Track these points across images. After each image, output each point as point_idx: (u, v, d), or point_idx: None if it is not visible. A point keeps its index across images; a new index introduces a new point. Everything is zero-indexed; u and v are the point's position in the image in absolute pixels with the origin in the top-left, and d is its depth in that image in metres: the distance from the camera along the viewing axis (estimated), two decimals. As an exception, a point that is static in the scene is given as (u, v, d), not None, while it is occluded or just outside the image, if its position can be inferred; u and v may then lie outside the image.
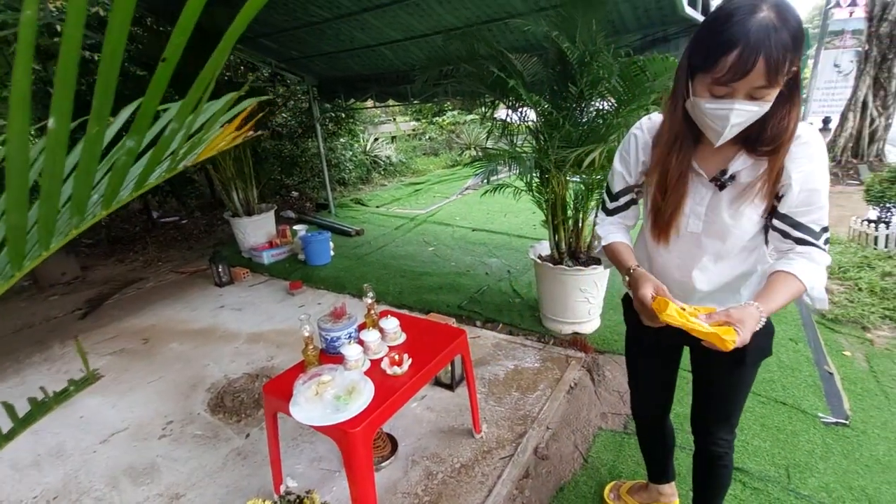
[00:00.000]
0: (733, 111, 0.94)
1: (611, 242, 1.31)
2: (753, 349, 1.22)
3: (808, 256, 1.06)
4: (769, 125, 1.00)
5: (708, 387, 1.37)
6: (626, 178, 1.29)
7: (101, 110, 0.51)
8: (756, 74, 0.89)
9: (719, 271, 1.17)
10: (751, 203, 1.08)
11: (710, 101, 0.97)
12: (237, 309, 3.78)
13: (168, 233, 6.20)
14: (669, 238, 1.19)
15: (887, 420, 2.19)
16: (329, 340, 1.80)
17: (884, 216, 4.16)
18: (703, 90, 0.97)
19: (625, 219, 1.35)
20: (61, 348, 3.31)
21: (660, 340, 1.38)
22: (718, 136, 1.00)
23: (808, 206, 1.05)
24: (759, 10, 0.87)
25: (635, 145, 1.25)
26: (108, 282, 4.58)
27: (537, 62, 2.84)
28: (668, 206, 1.15)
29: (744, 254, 1.17)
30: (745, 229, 1.11)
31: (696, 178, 1.13)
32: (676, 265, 1.22)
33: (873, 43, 6.88)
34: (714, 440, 1.41)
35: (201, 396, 2.64)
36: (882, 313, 3.06)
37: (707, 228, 1.14)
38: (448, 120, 12.22)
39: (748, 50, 0.87)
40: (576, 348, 2.83)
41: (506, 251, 4.67)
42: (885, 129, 7.23)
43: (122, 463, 2.18)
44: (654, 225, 1.21)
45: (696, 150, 1.11)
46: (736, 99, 0.94)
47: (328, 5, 3.92)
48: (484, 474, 1.97)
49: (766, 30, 0.86)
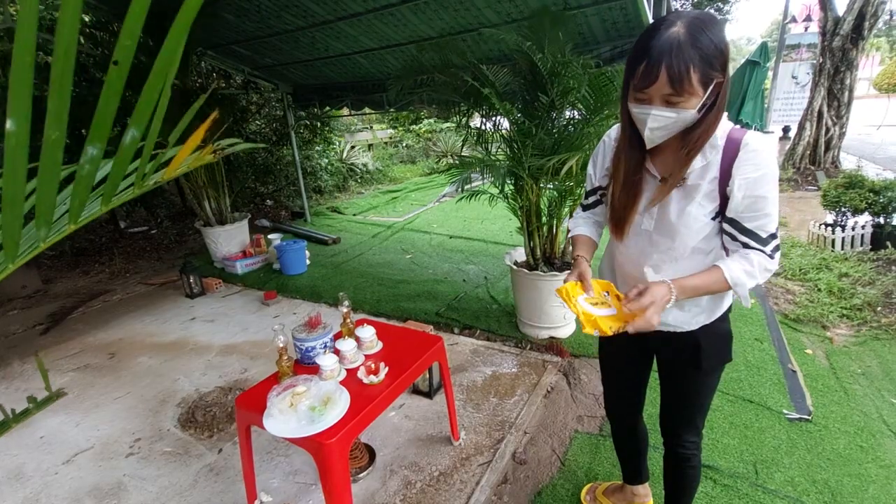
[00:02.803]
0: (650, 115, 1.04)
1: (574, 234, 1.43)
2: (710, 353, 1.29)
3: (745, 257, 1.12)
4: (695, 129, 1.07)
5: (673, 391, 1.42)
6: (593, 179, 1.40)
7: (59, 113, 0.50)
8: (661, 83, 0.99)
9: (672, 271, 1.20)
10: (696, 203, 1.13)
11: (635, 105, 1.07)
12: (209, 320, 3.68)
13: (136, 243, 6.00)
14: (625, 234, 1.26)
15: (847, 415, 2.29)
16: (304, 351, 1.77)
17: (840, 220, 4.37)
18: (631, 96, 1.08)
19: (594, 215, 1.45)
20: (21, 365, 3.16)
21: (630, 343, 1.40)
22: (648, 138, 1.09)
23: (754, 212, 1.09)
24: (672, 25, 0.97)
25: (602, 150, 1.35)
26: (72, 295, 4.40)
27: (509, 72, 2.90)
28: (622, 204, 1.23)
29: (698, 256, 1.20)
30: (692, 228, 1.15)
31: (650, 178, 1.20)
32: (631, 261, 1.29)
33: (827, 56, 7.26)
34: (681, 442, 1.45)
35: (171, 412, 2.56)
36: (840, 312, 3.21)
37: (658, 227, 1.20)
38: (425, 128, 12.27)
39: (652, 61, 0.98)
40: (552, 353, 2.87)
41: (483, 258, 4.70)
42: (840, 137, 7.62)
43: (87, 484, 2.08)
44: (611, 220, 1.29)
45: (656, 152, 1.18)
46: (653, 105, 1.03)
47: (302, 14, 3.91)
48: (462, 481, 1.97)
49: (670, 44, 0.96)
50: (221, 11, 3.80)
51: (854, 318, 3.15)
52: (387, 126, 12.41)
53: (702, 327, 1.27)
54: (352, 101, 5.66)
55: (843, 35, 7.04)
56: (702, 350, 1.28)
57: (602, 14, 3.25)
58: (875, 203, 4.15)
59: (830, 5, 7.18)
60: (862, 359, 2.73)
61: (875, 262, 3.87)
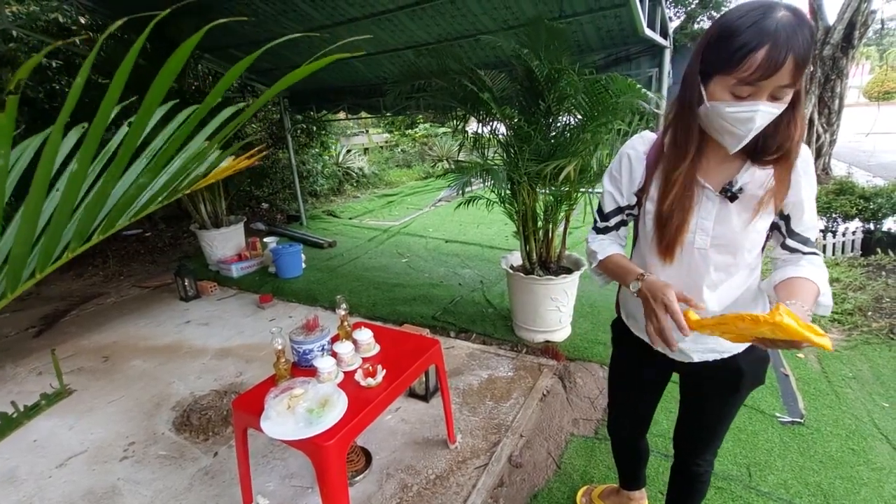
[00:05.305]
0: (758, 112, 0.90)
1: (609, 255, 1.23)
2: (750, 378, 1.23)
3: (812, 263, 1.06)
4: (775, 132, 0.97)
5: (698, 415, 1.36)
6: (616, 198, 1.23)
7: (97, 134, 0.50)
8: (784, 72, 0.86)
9: (727, 289, 1.14)
10: (760, 215, 1.05)
11: (732, 104, 0.92)
12: (204, 324, 3.67)
13: (130, 246, 5.97)
14: (675, 255, 1.12)
15: (838, 418, 2.32)
16: (301, 353, 1.77)
17: (831, 226, 4.43)
18: (724, 93, 0.92)
19: (618, 238, 1.30)
20: (13, 368, 3.13)
21: (648, 374, 1.39)
22: (739, 140, 0.95)
23: (812, 223, 1.08)
24: (777, 10, 0.87)
25: (628, 165, 1.19)
26: (66, 298, 4.37)
27: (505, 78, 2.93)
28: (674, 222, 1.08)
29: (746, 272, 1.14)
30: (754, 242, 1.09)
31: (702, 191, 1.08)
32: (683, 284, 1.10)
33: (817, 65, 7.36)
34: (697, 462, 1.41)
35: (166, 415, 2.54)
36: (831, 317, 3.25)
37: (716, 243, 1.09)
38: (421, 132, 12.30)
39: (777, 47, 0.84)
40: (548, 356, 2.89)
41: (478, 262, 4.72)
42: (831, 144, 7.72)
43: (81, 488, 2.07)
44: (659, 241, 1.13)
45: (699, 162, 1.07)
46: (760, 100, 0.90)
47: (300, 19, 3.93)
48: (459, 484, 1.97)
49: (792, 27, 0.85)
50: (220, 16, 3.82)
51: (845, 322, 3.19)
52: (383, 130, 12.42)
53: (745, 351, 1.20)
54: (348, 105, 5.67)
55: (834, 44, 7.15)
56: (743, 376, 1.21)
57: (597, 21, 3.30)
58: (865, 209, 4.21)
59: (821, 14, 7.29)
60: (853, 363, 2.77)
61: (865, 268, 3.92)
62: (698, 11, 11.46)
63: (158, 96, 0.53)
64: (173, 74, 0.52)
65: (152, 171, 0.57)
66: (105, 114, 0.49)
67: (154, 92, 0.52)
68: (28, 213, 0.49)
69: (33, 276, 0.57)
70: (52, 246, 0.54)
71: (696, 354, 1.22)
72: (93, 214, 0.56)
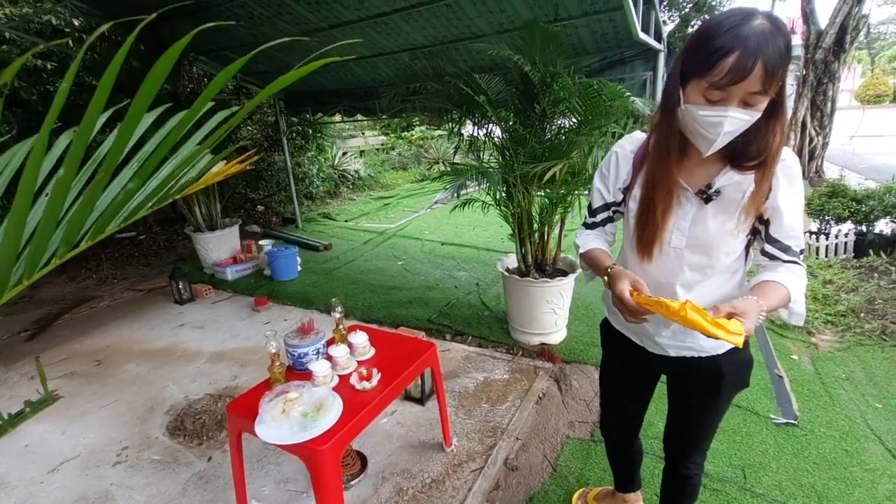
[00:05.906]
0: (727, 118, 0.92)
1: (588, 249, 1.29)
2: (732, 381, 1.24)
3: (791, 271, 1.07)
4: (755, 138, 0.99)
5: (684, 416, 1.38)
6: (604, 195, 1.28)
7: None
8: (753, 79, 0.88)
9: (703, 290, 1.15)
10: (735, 219, 1.07)
11: (703, 107, 0.94)
12: (199, 327, 3.65)
13: (124, 248, 5.93)
14: (653, 253, 1.15)
15: (832, 419, 2.33)
16: (296, 357, 1.77)
17: (823, 228, 4.47)
18: (698, 96, 0.95)
19: (604, 233, 1.34)
20: (5, 372, 3.10)
21: (635, 373, 1.41)
22: (710, 144, 0.98)
23: (795, 230, 1.07)
24: (754, 18, 0.89)
25: (615, 162, 1.23)
26: (59, 301, 4.33)
27: (500, 81, 2.94)
28: (653, 221, 1.12)
29: (726, 275, 1.15)
30: (730, 245, 1.10)
31: (681, 192, 1.10)
32: (659, 282, 1.17)
33: (810, 68, 7.42)
34: (685, 464, 1.43)
35: (159, 420, 2.52)
36: (825, 318, 3.27)
37: (691, 243, 1.12)
38: (417, 135, 12.31)
39: (747, 53, 0.87)
40: (543, 359, 2.89)
41: (474, 264, 4.72)
42: (823, 147, 7.77)
43: (73, 493, 2.05)
44: (639, 240, 1.17)
45: (681, 164, 1.09)
46: (730, 106, 0.92)
47: (296, 21, 3.93)
48: (455, 488, 1.97)
49: (764, 35, 0.87)
50: (215, 19, 3.81)
51: (838, 324, 3.21)
52: (379, 132, 12.43)
53: (727, 352, 1.22)
54: (344, 107, 5.68)
55: (826, 48, 7.21)
56: (724, 377, 1.22)
57: (592, 25, 3.32)
58: (857, 212, 4.25)
59: (813, 18, 7.36)
60: (846, 364, 2.78)
61: (858, 270, 3.95)
62: (693, 15, 11.55)
63: (146, 101, 0.53)
64: (161, 79, 0.52)
65: (141, 177, 0.56)
66: (92, 118, 0.49)
67: (141, 97, 0.52)
68: (14, 220, 0.49)
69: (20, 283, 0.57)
70: (39, 252, 0.53)
71: (671, 349, 1.25)
72: (81, 220, 0.55)
